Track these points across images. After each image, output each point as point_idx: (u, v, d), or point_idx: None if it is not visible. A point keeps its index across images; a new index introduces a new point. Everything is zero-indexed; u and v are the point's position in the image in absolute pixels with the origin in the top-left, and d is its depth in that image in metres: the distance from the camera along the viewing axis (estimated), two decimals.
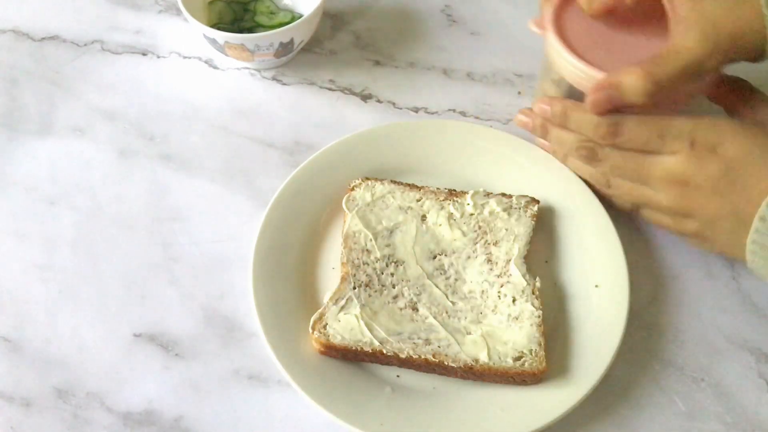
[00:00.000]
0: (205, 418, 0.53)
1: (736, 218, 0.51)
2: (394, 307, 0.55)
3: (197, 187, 0.64)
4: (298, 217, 0.60)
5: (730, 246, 0.52)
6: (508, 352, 0.53)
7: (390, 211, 0.60)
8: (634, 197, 0.57)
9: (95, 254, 0.61)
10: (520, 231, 0.58)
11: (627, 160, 0.55)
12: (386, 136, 0.64)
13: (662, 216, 0.56)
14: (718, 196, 0.51)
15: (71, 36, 0.75)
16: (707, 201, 0.52)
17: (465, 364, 0.52)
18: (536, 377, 0.52)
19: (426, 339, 0.53)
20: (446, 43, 0.75)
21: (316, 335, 0.53)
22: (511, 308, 0.55)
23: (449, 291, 0.56)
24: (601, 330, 0.54)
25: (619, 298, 0.55)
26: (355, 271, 0.57)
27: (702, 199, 0.52)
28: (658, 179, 0.54)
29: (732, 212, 0.51)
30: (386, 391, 0.53)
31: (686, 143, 0.51)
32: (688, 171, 0.52)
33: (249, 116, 0.69)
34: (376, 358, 0.53)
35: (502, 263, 0.57)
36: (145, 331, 0.57)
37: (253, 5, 0.73)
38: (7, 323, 0.57)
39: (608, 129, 0.54)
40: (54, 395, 0.54)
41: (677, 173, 0.52)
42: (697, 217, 0.53)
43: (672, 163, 0.52)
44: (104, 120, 0.69)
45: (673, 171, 0.52)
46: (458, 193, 0.61)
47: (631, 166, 0.55)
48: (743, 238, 0.50)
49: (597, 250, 0.58)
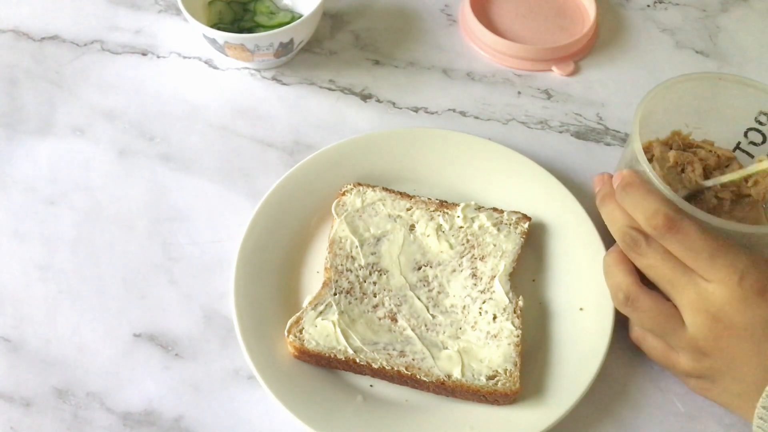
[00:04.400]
0: (205, 418, 0.53)
1: (762, 372, 0.46)
2: (373, 316, 0.55)
3: (197, 187, 0.64)
4: (287, 219, 0.60)
5: (738, 401, 0.48)
6: (483, 370, 0.52)
7: (379, 218, 0.60)
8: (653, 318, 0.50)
9: (95, 254, 0.61)
10: (508, 248, 0.58)
11: (666, 264, 0.49)
12: (382, 142, 0.64)
13: (669, 345, 0.51)
14: (750, 343, 0.46)
15: (71, 36, 0.75)
16: (735, 344, 0.47)
17: (437, 379, 0.52)
18: (509, 398, 0.51)
19: (401, 351, 0.53)
20: (446, 43, 0.75)
21: (291, 339, 0.53)
22: (490, 325, 0.54)
23: (431, 304, 0.56)
24: (581, 354, 0.53)
25: (603, 324, 0.54)
26: (337, 277, 0.56)
27: (730, 340, 0.47)
28: (689, 302, 0.48)
29: (759, 365, 0.46)
30: (358, 400, 0.53)
31: (736, 277, 0.46)
32: (726, 305, 0.46)
33: (249, 116, 0.69)
34: (349, 367, 0.53)
35: (486, 279, 0.56)
36: (145, 331, 0.57)
37: (253, 5, 0.73)
38: (7, 323, 0.57)
39: (665, 221, 0.48)
40: (54, 395, 0.54)
41: (714, 303, 0.47)
42: (715, 358, 0.48)
43: (711, 291, 0.47)
44: (104, 120, 0.69)
45: (710, 299, 0.47)
46: (449, 205, 0.60)
47: (667, 273, 0.49)
48: (755, 398, 0.46)
49: (585, 273, 0.57)
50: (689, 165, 0.56)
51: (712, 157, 0.58)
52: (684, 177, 0.56)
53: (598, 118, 0.70)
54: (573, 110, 0.71)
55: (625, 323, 0.55)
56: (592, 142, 0.68)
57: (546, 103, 0.71)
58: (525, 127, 0.69)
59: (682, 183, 0.56)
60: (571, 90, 0.72)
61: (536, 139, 0.68)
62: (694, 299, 0.48)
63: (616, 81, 0.73)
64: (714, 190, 0.56)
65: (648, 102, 0.55)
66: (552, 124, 0.69)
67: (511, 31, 0.75)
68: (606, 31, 0.77)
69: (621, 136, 0.69)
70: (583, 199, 0.60)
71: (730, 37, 0.76)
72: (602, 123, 0.70)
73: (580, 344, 0.54)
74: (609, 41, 0.76)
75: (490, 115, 0.70)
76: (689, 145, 0.59)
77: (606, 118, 0.70)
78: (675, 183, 0.55)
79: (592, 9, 0.75)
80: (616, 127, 0.69)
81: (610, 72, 0.73)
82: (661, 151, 0.57)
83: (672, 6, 0.79)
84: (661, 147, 0.57)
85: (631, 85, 0.72)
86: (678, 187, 0.55)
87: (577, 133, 0.69)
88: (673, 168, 0.56)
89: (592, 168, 0.66)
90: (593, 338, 0.54)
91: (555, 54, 0.73)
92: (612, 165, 0.63)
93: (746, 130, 0.58)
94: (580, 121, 0.70)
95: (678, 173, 0.56)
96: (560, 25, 0.76)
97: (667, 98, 0.57)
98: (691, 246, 0.48)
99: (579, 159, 0.67)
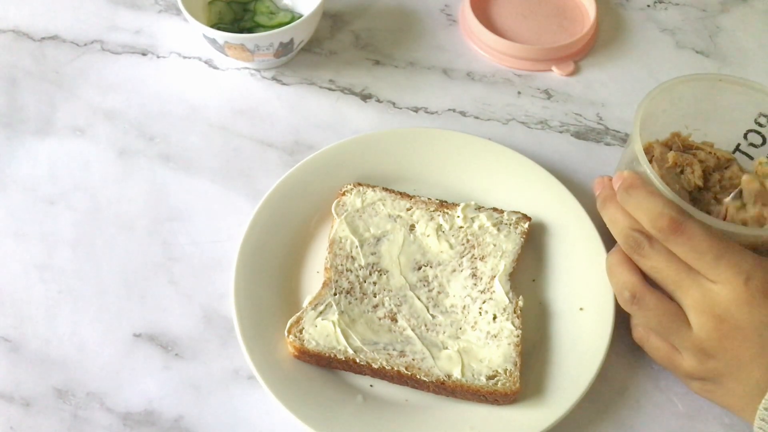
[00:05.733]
0: (205, 418, 0.53)
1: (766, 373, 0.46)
2: (373, 316, 0.55)
3: (197, 187, 0.64)
4: (287, 219, 0.60)
5: (741, 402, 0.48)
6: (483, 370, 0.52)
7: (379, 218, 0.60)
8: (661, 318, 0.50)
9: (95, 254, 0.61)
10: (508, 248, 0.58)
11: (670, 266, 0.49)
12: (382, 142, 0.64)
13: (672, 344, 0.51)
14: (756, 344, 0.46)
15: (71, 36, 0.75)
16: (740, 345, 0.46)
17: (437, 379, 0.52)
18: (509, 397, 0.51)
19: (401, 351, 0.53)
20: (446, 43, 0.75)
21: (291, 339, 0.53)
22: (490, 325, 0.54)
23: (431, 304, 0.56)
24: (581, 354, 0.53)
25: (603, 324, 0.54)
26: (337, 277, 0.56)
27: (735, 341, 0.47)
28: (694, 303, 0.48)
29: (764, 366, 0.46)
30: (357, 400, 0.53)
31: (742, 278, 0.46)
32: (732, 306, 0.46)
33: (249, 116, 0.69)
34: (349, 367, 0.53)
35: (486, 279, 0.56)
36: (145, 331, 0.57)
37: (253, 5, 0.73)
38: (7, 323, 0.57)
39: (670, 223, 0.48)
40: (54, 395, 0.54)
41: (719, 305, 0.47)
42: (720, 359, 0.48)
43: (717, 292, 0.47)
44: (104, 120, 0.69)
45: (715, 300, 0.47)
46: (449, 205, 0.60)
47: (671, 275, 0.49)
48: (758, 399, 0.46)
49: (585, 273, 0.57)
50: (688, 166, 0.56)
51: (711, 158, 0.58)
52: (683, 178, 0.56)
53: (598, 118, 0.70)
54: (573, 110, 0.71)
55: (626, 323, 0.55)
56: (592, 142, 0.68)
57: (546, 103, 0.71)
58: (525, 127, 0.69)
59: (681, 184, 0.56)
60: (571, 90, 0.72)
61: (536, 139, 0.68)
62: (699, 300, 0.47)
63: (616, 81, 0.73)
64: (713, 191, 0.56)
65: (648, 103, 0.55)
66: (552, 124, 0.69)
67: (511, 31, 0.75)
68: (606, 31, 0.76)
69: (621, 136, 0.69)
70: (583, 199, 0.60)
71: (730, 37, 0.76)
72: (602, 123, 0.70)
73: (580, 344, 0.54)
74: (609, 41, 0.76)
75: (490, 115, 0.70)
76: (689, 147, 0.59)
77: (606, 118, 0.70)
78: (674, 184, 0.55)
79: (592, 9, 0.75)
80: (616, 127, 0.69)
81: (610, 72, 0.73)
82: (661, 153, 0.57)
83: (672, 6, 0.79)
84: (660, 148, 0.57)
85: (631, 85, 0.72)
86: (677, 188, 0.55)
87: (577, 133, 0.69)
88: (672, 169, 0.56)
89: (592, 168, 0.66)
90: (593, 338, 0.54)
91: (555, 54, 0.73)
92: (612, 165, 0.63)
93: (746, 131, 0.58)
94: (580, 121, 0.70)
95: (677, 174, 0.56)
96: (560, 25, 0.76)
97: (667, 99, 0.57)
98: (696, 247, 0.47)
99: (579, 159, 0.67)
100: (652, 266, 0.50)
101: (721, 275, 0.47)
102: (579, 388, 0.52)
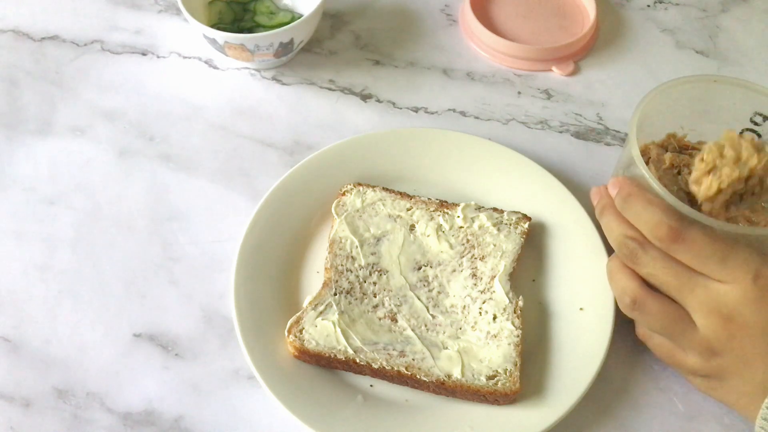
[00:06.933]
0: (205, 418, 0.53)
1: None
2: (374, 316, 0.55)
3: (197, 187, 0.64)
4: (287, 219, 0.60)
5: (744, 400, 0.48)
6: (483, 370, 0.52)
7: (379, 218, 0.60)
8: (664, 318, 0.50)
9: (95, 254, 0.61)
10: (508, 248, 0.58)
11: (667, 272, 0.48)
12: (382, 142, 0.64)
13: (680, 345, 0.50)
14: (764, 342, 0.46)
15: (71, 36, 0.75)
16: (748, 343, 0.46)
17: (437, 379, 0.52)
18: (509, 398, 0.51)
19: (401, 351, 0.53)
20: (446, 43, 0.75)
21: (291, 339, 0.53)
22: (490, 325, 0.54)
23: (431, 304, 0.56)
24: (581, 354, 0.53)
25: (603, 324, 0.54)
26: (337, 277, 0.56)
27: (744, 339, 0.46)
28: (700, 304, 0.47)
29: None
30: (358, 400, 0.53)
31: (750, 276, 0.46)
32: (740, 305, 0.46)
33: (249, 116, 0.69)
34: (349, 367, 0.53)
35: (486, 279, 0.56)
36: (145, 331, 0.57)
37: (253, 5, 0.73)
38: (7, 323, 0.57)
39: (669, 232, 0.47)
40: (54, 395, 0.54)
41: (727, 304, 0.46)
42: (726, 357, 0.47)
43: (724, 292, 0.46)
44: (104, 120, 0.69)
45: (722, 300, 0.46)
46: (449, 205, 0.60)
47: (670, 280, 0.48)
48: (762, 398, 0.46)
49: (585, 273, 0.57)
50: (685, 167, 0.56)
51: None
52: (680, 179, 0.56)
53: (598, 118, 0.70)
54: (573, 110, 0.71)
55: (626, 323, 0.55)
56: (592, 142, 0.69)
57: (546, 103, 0.71)
58: (525, 127, 0.69)
59: (679, 185, 0.56)
60: (571, 90, 0.72)
61: (536, 139, 0.68)
62: (705, 301, 0.47)
63: (616, 81, 0.73)
64: None
65: (644, 106, 0.55)
66: (552, 124, 0.69)
67: (511, 31, 0.75)
68: (606, 31, 0.77)
69: (621, 136, 0.69)
70: (583, 199, 0.60)
71: (730, 37, 0.76)
72: (602, 123, 0.70)
73: (580, 344, 0.54)
74: (609, 41, 0.76)
75: (490, 115, 0.70)
76: (685, 147, 0.59)
77: (606, 118, 0.70)
78: (671, 185, 0.55)
79: (592, 9, 0.75)
80: (616, 127, 0.69)
81: (610, 72, 0.73)
82: (657, 154, 0.57)
83: (672, 6, 0.79)
84: (657, 150, 0.57)
85: (631, 85, 0.72)
86: (675, 189, 0.55)
87: (577, 133, 0.69)
88: (669, 170, 0.56)
89: (592, 168, 0.66)
90: (593, 338, 0.54)
91: (555, 54, 0.73)
92: (612, 165, 0.63)
93: (741, 130, 0.58)
94: (580, 121, 0.70)
95: (674, 175, 0.56)
96: (560, 25, 0.76)
97: (663, 101, 0.56)
98: (699, 252, 0.47)
99: (579, 159, 0.67)
100: (648, 273, 0.50)
101: (728, 275, 0.46)
102: (579, 388, 0.52)
